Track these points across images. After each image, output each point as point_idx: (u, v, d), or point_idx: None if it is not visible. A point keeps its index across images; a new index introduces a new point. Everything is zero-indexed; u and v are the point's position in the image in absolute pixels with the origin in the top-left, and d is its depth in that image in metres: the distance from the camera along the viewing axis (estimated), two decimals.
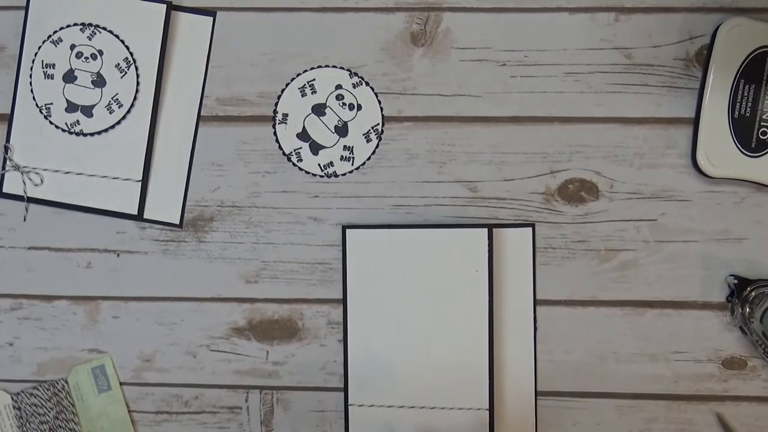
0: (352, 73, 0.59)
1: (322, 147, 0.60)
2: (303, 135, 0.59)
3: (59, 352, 0.62)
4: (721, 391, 0.60)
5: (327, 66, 0.59)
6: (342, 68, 0.59)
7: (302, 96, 0.59)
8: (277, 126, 0.59)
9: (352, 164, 0.59)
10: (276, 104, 0.59)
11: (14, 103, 0.61)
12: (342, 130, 0.59)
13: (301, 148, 0.59)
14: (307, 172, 0.60)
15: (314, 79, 0.59)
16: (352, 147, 0.59)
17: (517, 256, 0.60)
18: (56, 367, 0.62)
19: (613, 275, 0.60)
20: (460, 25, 0.59)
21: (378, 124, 0.59)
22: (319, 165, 0.60)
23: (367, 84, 0.58)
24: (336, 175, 0.59)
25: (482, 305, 0.58)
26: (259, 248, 0.61)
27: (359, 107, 0.59)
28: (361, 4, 0.60)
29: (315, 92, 0.59)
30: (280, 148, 0.60)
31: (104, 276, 0.62)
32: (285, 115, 0.59)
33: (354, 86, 0.59)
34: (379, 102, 0.58)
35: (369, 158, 0.59)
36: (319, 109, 0.59)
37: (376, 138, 0.59)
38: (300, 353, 0.61)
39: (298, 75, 0.60)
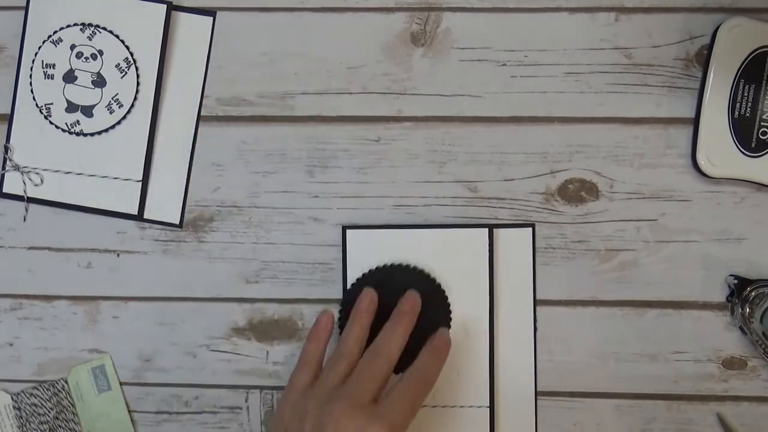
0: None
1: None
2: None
3: (59, 352, 0.62)
4: (721, 391, 0.60)
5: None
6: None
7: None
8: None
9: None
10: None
11: (14, 103, 0.61)
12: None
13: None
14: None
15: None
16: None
17: (517, 256, 0.60)
18: (56, 367, 0.62)
19: (613, 275, 0.60)
20: (460, 25, 0.59)
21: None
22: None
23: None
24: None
25: (482, 305, 0.58)
26: (259, 248, 0.61)
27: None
28: (361, 4, 0.60)
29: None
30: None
31: (104, 276, 0.62)
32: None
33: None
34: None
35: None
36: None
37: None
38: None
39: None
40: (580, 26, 0.59)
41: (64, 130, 0.60)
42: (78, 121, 0.60)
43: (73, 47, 0.60)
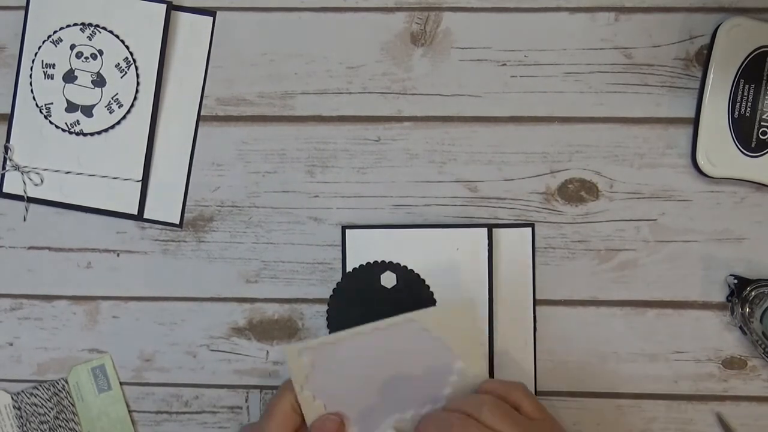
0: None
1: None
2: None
3: (59, 352, 0.62)
4: (721, 390, 0.60)
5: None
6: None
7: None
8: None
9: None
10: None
11: (14, 102, 0.61)
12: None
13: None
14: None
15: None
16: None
17: (517, 256, 0.60)
18: (56, 367, 0.62)
19: (612, 275, 0.60)
20: (460, 25, 0.59)
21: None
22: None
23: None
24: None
25: (482, 305, 0.58)
26: (259, 248, 0.61)
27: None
28: (361, 4, 0.60)
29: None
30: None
31: (104, 276, 0.62)
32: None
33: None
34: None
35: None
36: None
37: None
38: None
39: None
40: (580, 26, 0.59)
41: (64, 130, 0.60)
42: (78, 120, 0.60)
43: (73, 47, 0.60)
